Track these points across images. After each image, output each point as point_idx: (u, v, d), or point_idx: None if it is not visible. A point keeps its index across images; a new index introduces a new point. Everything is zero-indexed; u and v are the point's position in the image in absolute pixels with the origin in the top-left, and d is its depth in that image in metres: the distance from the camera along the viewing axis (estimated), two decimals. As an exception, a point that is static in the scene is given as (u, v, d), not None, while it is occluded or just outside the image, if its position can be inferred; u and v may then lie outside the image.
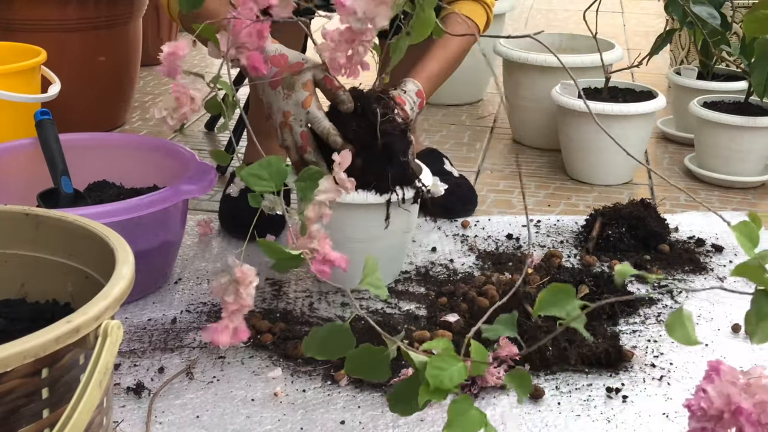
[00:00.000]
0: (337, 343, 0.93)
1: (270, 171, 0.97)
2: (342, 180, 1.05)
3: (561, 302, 0.84)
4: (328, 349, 0.93)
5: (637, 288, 1.40)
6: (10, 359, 0.65)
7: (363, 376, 0.94)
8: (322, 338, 0.93)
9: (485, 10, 1.58)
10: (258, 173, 0.97)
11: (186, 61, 1.02)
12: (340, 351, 0.93)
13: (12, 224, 0.90)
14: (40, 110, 1.46)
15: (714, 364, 0.76)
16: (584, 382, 1.15)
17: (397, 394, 0.92)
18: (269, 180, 0.97)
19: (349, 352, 0.92)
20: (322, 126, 1.27)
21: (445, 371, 0.86)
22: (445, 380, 0.85)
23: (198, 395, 1.11)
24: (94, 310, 0.71)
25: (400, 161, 1.27)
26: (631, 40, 3.26)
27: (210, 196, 1.76)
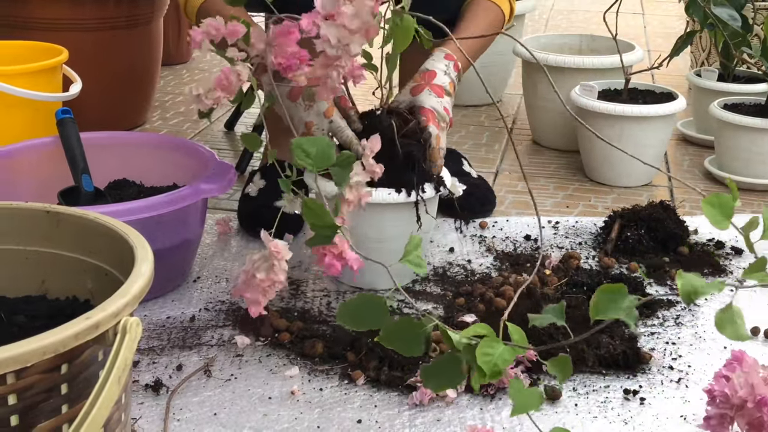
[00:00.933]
0: (372, 314, 0.91)
1: (318, 149, 0.96)
2: (371, 165, 1.06)
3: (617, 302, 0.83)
4: (362, 320, 0.90)
5: (656, 290, 1.40)
6: (30, 355, 0.65)
7: (397, 348, 0.90)
8: (356, 307, 0.91)
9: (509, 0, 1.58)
10: (306, 147, 0.96)
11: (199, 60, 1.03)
12: (374, 322, 0.90)
13: (33, 222, 0.91)
14: (61, 109, 1.47)
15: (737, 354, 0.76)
16: (602, 384, 1.15)
17: (432, 370, 0.90)
18: (313, 159, 0.96)
19: (385, 324, 0.90)
20: (345, 135, 1.29)
21: (495, 355, 0.85)
22: (498, 362, 0.84)
23: (216, 393, 1.12)
24: (113, 307, 0.71)
25: (422, 169, 1.28)
26: (651, 41, 3.25)
27: (229, 195, 1.76)
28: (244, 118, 2.18)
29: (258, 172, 1.63)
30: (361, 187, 1.05)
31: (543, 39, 2.25)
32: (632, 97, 1.91)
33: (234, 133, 2.16)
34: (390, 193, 1.28)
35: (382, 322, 0.90)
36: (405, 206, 1.30)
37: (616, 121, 1.81)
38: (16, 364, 0.65)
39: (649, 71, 1.98)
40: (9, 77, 1.65)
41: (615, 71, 2.00)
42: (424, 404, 1.10)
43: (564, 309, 0.89)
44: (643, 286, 1.37)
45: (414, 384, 1.12)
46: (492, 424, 1.07)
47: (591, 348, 1.19)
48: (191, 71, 2.68)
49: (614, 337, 1.22)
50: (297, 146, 0.96)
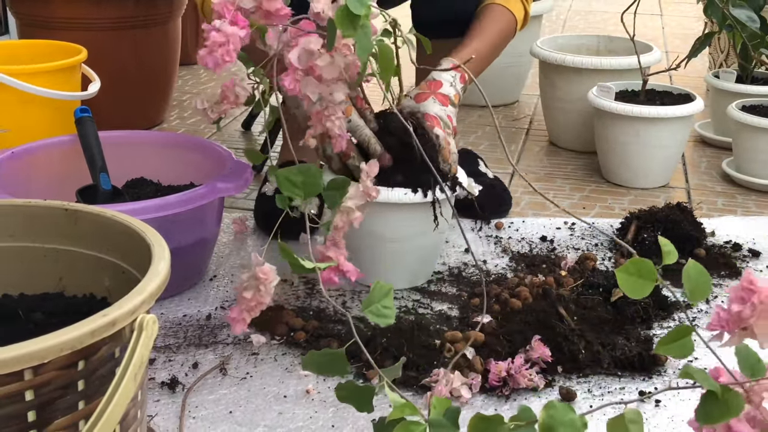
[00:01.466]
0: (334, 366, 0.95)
1: (305, 179, 0.98)
2: (367, 188, 1.06)
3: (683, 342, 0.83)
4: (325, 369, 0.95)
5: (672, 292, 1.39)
6: (47, 351, 0.66)
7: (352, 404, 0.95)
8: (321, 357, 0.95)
9: (522, 3, 1.58)
10: (292, 178, 0.98)
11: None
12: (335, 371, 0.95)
13: (51, 219, 0.92)
14: (80, 108, 1.48)
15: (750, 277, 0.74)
16: (617, 386, 1.15)
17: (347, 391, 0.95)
18: (301, 188, 0.98)
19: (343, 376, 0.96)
20: (364, 134, 1.29)
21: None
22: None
23: (231, 391, 1.12)
24: (130, 305, 0.72)
25: (439, 169, 1.28)
26: (669, 42, 3.23)
27: (246, 194, 1.77)
28: (261, 118, 2.18)
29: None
30: (352, 213, 1.05)
31: (560, 40, 2.24)
32: (650, 98, 1.91)
33: (251, 133, 2.16)
34: (406, 193, 1.28)
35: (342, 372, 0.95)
36: (420, 206, 1.30)
37: (633, 122, 1.81)
38: (33, 361, 0.65)
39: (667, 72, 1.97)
40: (29, 76, 1.66)
41: (632, 72, 1.99)
42: (438, 404, 1.09)
43: None
44: (659, 288, 1.36)
45: (429, 384, 1.11)
46: (506, 424, 1.07)
47: (606, 349, 1.19)
48: (209, 71, 2.68)
49: (630, 339, 1.21)
50: (282, 178, 0.97)
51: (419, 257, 1.35)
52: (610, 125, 1.85)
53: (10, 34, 2.62)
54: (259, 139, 2.12)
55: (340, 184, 1.01)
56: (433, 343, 1.16)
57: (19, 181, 1.39)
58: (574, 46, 2.23)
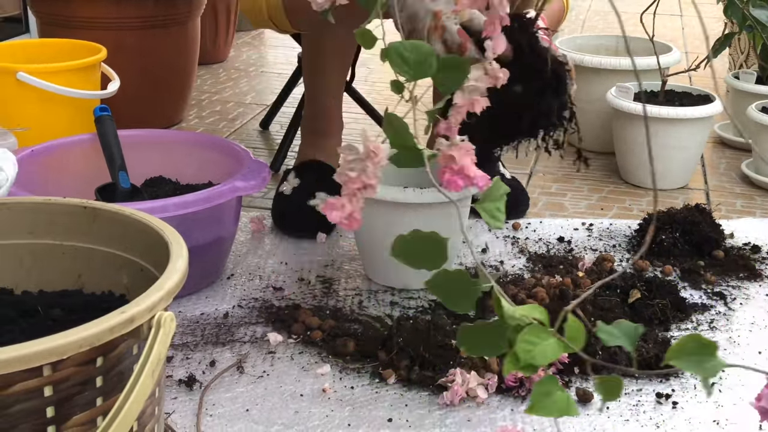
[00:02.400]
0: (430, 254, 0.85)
1: (418, 57, 0.85)
2: (494, 69, 0.93)
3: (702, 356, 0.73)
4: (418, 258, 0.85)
5: (690, 294, 1.38)
6: (66, 347, 0.66)
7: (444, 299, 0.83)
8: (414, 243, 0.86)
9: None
10: (403, 52, 0.85)
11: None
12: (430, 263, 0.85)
13: (70, 217, 0.92)
14: (99, 106, 1.49)
15: None
16: (634, 387, 1.14)
17: (472, 334, 0.81)
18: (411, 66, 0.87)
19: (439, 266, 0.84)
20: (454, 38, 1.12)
21: (537, 346, 0.77)
22: (537, 357, 0.76)
23: (248, 389, 1.12)
24: (148, 302, 0.72)
25: (566, 93, 1.13)
26: (689, 43, 3.22)
27: (263, 193, 1.77)
28: (279, 117, 2.19)
29: (292, 170, 1.64)
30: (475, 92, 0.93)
31: (579, 40, 2.24)
32: (669, 99, 1.90)
33: (269, 132, 2.17)
34: (422, 193, 1.28)
35: (436, 264, 0.84)
36: (438, 206, 1.30)
37: (652, 123, 1.80)
38: (52, 356, 0.66)
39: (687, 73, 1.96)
40: (49, 75, 1.67)
41: (652, 73, 1.99)
42: (454, 404, 1.10)
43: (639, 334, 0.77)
44: (677, 289, 1.36)
45: (445, 384, 1.12)
46: (522, 425, 1.07)
47: (624, 351, 1.18)
48: (228, 70, 2.69)
49: (647, 341, 1.21)
50: (394, 51, 0.84)
51: None
52: (629, 126, 1.84)
53: (31, 33, 2.64)
54: (276, 138, 2.13)
55: (460, 63, 0.91)
56: (449, 342, 1.16)
57: (38, 179, 1.40)
58: (593, 46, 2.22)
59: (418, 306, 1.33)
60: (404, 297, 1.35)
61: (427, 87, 0.97)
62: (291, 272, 1.43)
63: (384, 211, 1.30)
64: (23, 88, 1.66)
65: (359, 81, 2.53)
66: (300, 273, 1.43)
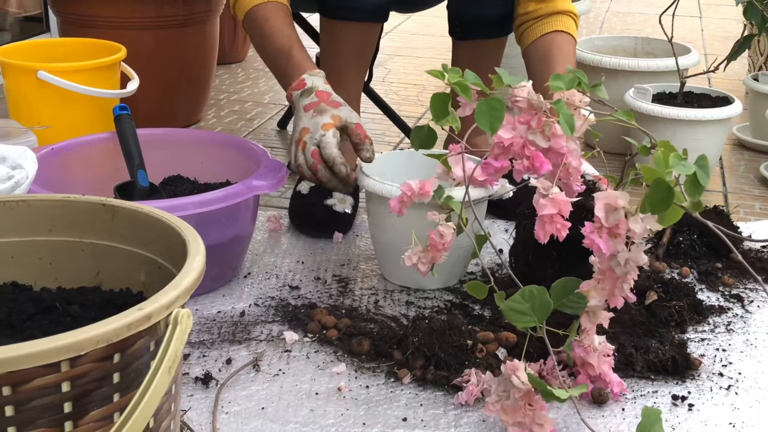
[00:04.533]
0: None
1: (533, 303, 0.97)
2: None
3: None
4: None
5: (707, 296, 1.38)
6: (84, 343, 0.67)
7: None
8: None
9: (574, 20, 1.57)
10: (519, 308, 0.97)
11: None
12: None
13: (89, 214, 0.93)
14: (118, 105, 1.50)
15: None
16: (649, 389, 1.14)
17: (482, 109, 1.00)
18: (532, 315, 0.97)
19: None
20: (330, 151, 1.30)
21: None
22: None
23: (264, 387, 1.13)
24: (165, 299, 0.73)
25: None
26: (709, 45, 3.20)
27: (281, 192, 1.78)
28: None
29: (309, 170, 1.64)
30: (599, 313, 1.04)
31: (597, 41, 2.23)
32: (687, 100, 1.89)
33: (286, 132, 2.17)
34: None
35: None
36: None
37: (670, 124, 1.79)
38: (70, 352, 0.66)
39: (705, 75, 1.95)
40: (69, 74, 1.68)
41: (670, 74, 1.98)
42: (469, 404, 1.10)
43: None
44: (695, 291, 1.35)
45: (460, 384, 1.12)
46: (537, 425, 1.07)
47: (640, 352, 1.18)
48: (246, 70, 2.70)
49: (663, 343, 1.20)
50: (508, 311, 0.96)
51: (454, 258, 1.35)
52: (647, 127, 1.83)
53: (51, 32, 2.66)
54: (294, 138, 2.13)
55: (574, 286, 1.00)
56: (464, 343, 1.16)
57: (58, 176, 1.41)
58: (611, 47, 2.22)
59: (434, 306, 1.33)
60: (420, 297, 1.35)
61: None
62: (307, 271, 1.44)
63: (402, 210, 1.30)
64: (43, 87, 1.67)
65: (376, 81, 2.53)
66: (316, 272, 1.44)
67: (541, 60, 1.53)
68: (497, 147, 1.05)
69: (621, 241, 0.97)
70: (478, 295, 1.08)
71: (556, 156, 1.03)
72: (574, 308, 1.00)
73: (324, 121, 1.32)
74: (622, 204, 0.96)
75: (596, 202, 0.97)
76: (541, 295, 0.97)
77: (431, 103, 1.08)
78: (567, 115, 1.02)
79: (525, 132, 1.03)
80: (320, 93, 1.37)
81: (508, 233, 1.58)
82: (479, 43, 1.72)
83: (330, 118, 1.32)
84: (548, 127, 1.02)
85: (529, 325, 0.97)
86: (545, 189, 0.99)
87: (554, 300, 0.98)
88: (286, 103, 2.36)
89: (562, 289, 1.00)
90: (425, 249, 1.14)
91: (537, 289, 0.97)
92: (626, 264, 0.97)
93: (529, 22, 1.53)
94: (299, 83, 1.39)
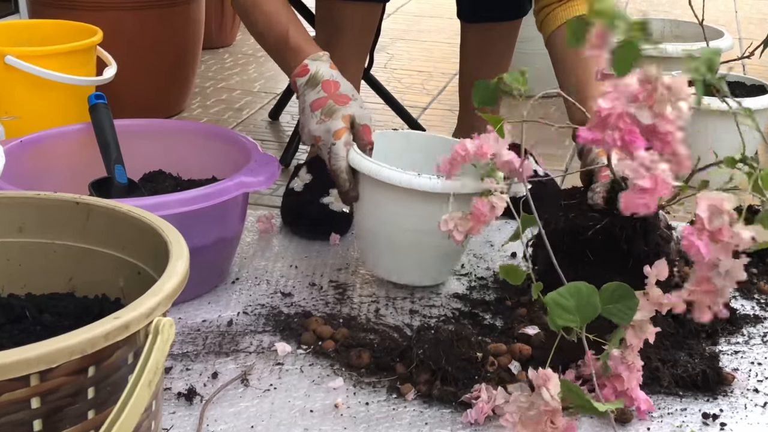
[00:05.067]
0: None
1: (579, 301, 0.97)
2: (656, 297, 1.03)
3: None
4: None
5: (741, 305, 1.38)
6: (56, 355, 0.67)
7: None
8: None
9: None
10: (563, 303, 0.97)
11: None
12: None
13: (62, 213, 0.93)
14: (94, 93, 1.50)
15: None
16: (678, 407, 1.14)
17: None
18: (575, 314, 0.97)
19: None
20: (339, 165, 1.32)
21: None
22: None
23: (253, 404, 1.13)
24: (145, 307, 0.73)
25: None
26: (744, 28, 3.20)
27: (272, 190, 1.78)
28: (290, 107, 2.20)
29: (304, 165, 1.64)
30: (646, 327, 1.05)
31: (621, 24, 2.23)
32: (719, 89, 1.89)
33: (278, 123, 2.18)
34: (431, 178, 1.26)
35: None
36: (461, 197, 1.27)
37: (700, 115, 1.79)
38: (40, 365, 0.67)
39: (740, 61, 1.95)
40: (40, 59, 1.68)
41: (701, 61, 1.98)
42: (479, 423, 1.10)
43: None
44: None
45: (469, 401, 1.12)
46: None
47: (666, 366, 1.18)
48: (234, 55, 2.71)
49: (693, 355, 1.20)
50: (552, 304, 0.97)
51: (443, 254, 1.34)
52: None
53: (20, 13, 2.66)
54: (287, 130, 2.14)
55: (625, 294, 1.00)
56: (474, 355, 1.16)
57: (28, 172, 1.41)
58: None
59: (440, 314, 1.33)
60: (425, 305, 1.36)
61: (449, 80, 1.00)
62: (301, 276, 1.44)
63: (394, 197, 1.30)
64: (12, 74, 1.68)
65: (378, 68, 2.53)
66: (311, 277, 1.44)
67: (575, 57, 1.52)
68: (596, 116, 1.02)
69: (725, 249, 0.96)
70: (513, 281, 1.08)
71: (656, 140, 1.00)
72: (620, 318, 0.99)
73: (336, 128, 1.33)
74: (727, 207, 0.96)
75: (699, 202, 0.96)
76: (590, 294, 0.96)
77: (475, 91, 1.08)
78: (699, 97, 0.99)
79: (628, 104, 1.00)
80: (327, 84, 1.37)
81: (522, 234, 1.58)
82: (491, 26, 1.72)
83: (342, 122, 1.34)
84: (661, 105, 0.99)
85: (570, 324, 0.97)
86: (652, 162, 0.96)
87: (603, 303, 0.98)
88: (278, 91, 2.37)
89: (612, 295, 0.99)
90: (465, 216, 1.12)
91: (586, 287, 0.96)
92: (726, 275, 0.97)
93: (552, 5, 1.53)
94: (302, 69, 1.39)
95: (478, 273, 1.45)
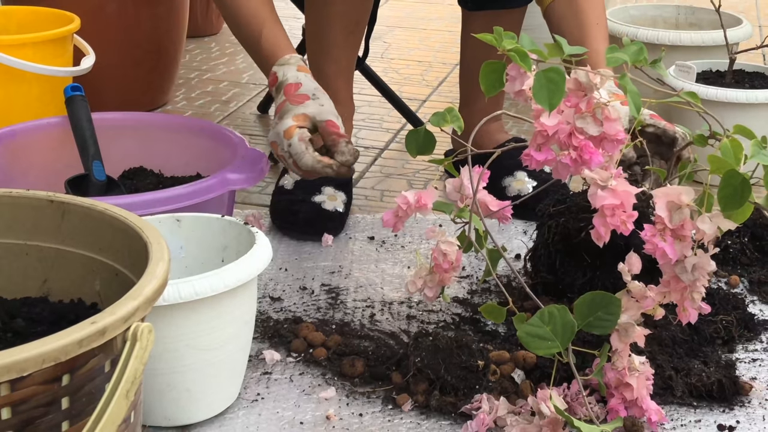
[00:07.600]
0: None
1: (554, 326, 0.98)
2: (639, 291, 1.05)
3: None
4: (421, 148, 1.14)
5: (760, 309, 1.38)
6: (27, 363, 0.67)
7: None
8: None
9: None
10: (539, 332, 0.98)
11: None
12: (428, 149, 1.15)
13: (35, 212, 0.93)
14: (71, 85, 1.50)
15: None
16: (692, 418, 1.14)
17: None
18: (554, 339, 0.98)
19: None
20: (304, 162, 1.29)
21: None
22: None
23: (239, 415, 1.13)
24: (123, 311, 0.73)
25: None
26: (763, 15, 3.20)
27: (261, 188, 1.78)
28: (281, 99, 2.20)
29: (294, 161, 1.64)
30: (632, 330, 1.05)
31: (633, 11, 2.24)
32: (737, 80, 1.90)
33: (268, 117, 2.18)
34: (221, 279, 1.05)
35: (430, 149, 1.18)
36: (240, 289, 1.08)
37: (717, 107, 1.80)
38: (11, 374, 0.66)
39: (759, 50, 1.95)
40: (12, 48, 1.68)
41: (718, 50, 1.98)
42: (480, 435, 1.10)
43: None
44: (745, 303, 1.36)
45: (469, 411, 1.12)
46: (560, 460, 1.07)
47: (680, 375, 1.18)
48: (221, 44, 2.71)
49: (708, 364, 1.21)
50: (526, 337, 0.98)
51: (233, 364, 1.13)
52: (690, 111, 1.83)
53: (-7, -1, 2.66)
54: (277, 124, 2.14)
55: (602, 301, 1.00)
56: (475, 363, 1.16)
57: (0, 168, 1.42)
58: (649, 17, 2.22)
59: (439, 320, 1.33)
60: (423, 310, 1.36)
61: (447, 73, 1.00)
62: (291, 280, 1.44)
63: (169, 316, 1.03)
64: (-17, 64, 1.68)
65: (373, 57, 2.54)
66: (302, 281, 1.44)
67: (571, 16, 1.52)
68: (539, 136, 1.04)
69: (688, 245, 0.97)
70: (495, 320, 1.10)
71: (609, 145, 1.03)
72: (602, 328, 1.00)
73: (284, 128, 1.31)
74: (686, 201, 0.97)
75: (656, 199, 0.97)
76: (562, 315, 0.97)
77: (482, 74, 1.08)
78: (634, 93, 1.01)
79: (572, 117, 1.03)
80: (288, 87, 1.36)
81: (526, 235, 1.59)
82: (494, 14, 1.72)
83: (292, 120, 1.32)
84: (600, 110, 1.01)
85: (552, 351, 0.98)
86: (603, 180, 0.99)
87: (579, 319, 0.99)
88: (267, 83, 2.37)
89: (588, 307, 1.00)
90: (431, 271, 1.14)
91: (558, 309, 0.97)
92: (694, 270, 0.98)
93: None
94: (272, 78, 1.39)
95: (479, 276, 1.45)
